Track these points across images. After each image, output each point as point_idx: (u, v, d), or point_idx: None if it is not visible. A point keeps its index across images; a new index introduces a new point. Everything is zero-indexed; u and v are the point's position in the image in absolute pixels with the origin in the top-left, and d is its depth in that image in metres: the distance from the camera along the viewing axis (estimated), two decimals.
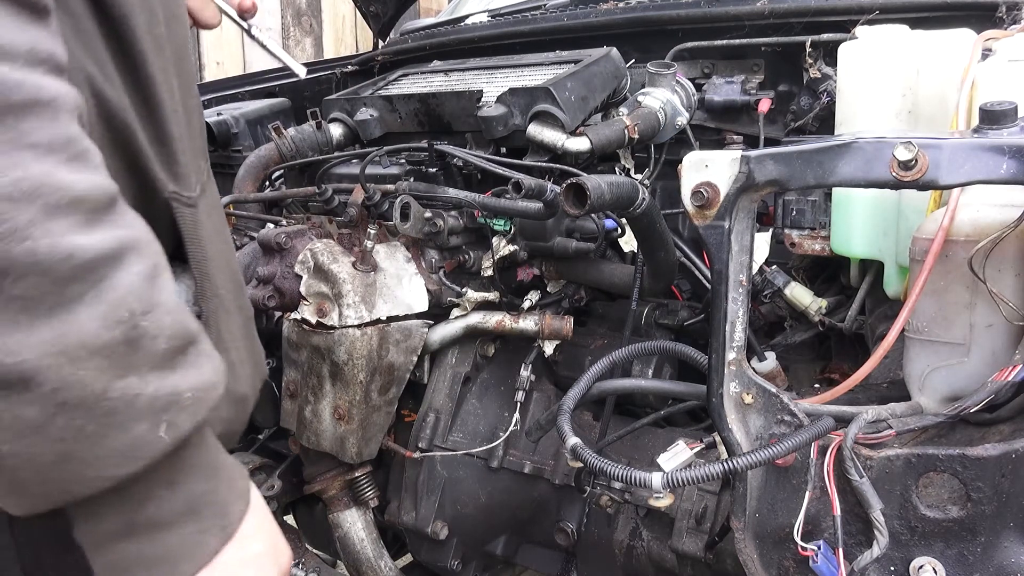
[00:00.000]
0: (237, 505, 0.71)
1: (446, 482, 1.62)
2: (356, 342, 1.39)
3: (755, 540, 1.04)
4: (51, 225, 0.55)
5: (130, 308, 0.59)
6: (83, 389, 0.57)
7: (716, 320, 0.99)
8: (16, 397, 0.55)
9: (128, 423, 0.60)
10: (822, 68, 1.55)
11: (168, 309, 0.63)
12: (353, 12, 4.94)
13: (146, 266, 0.62)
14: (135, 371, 0.60)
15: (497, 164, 1.50)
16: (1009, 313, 0.95)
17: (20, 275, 0.54)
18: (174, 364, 0.63)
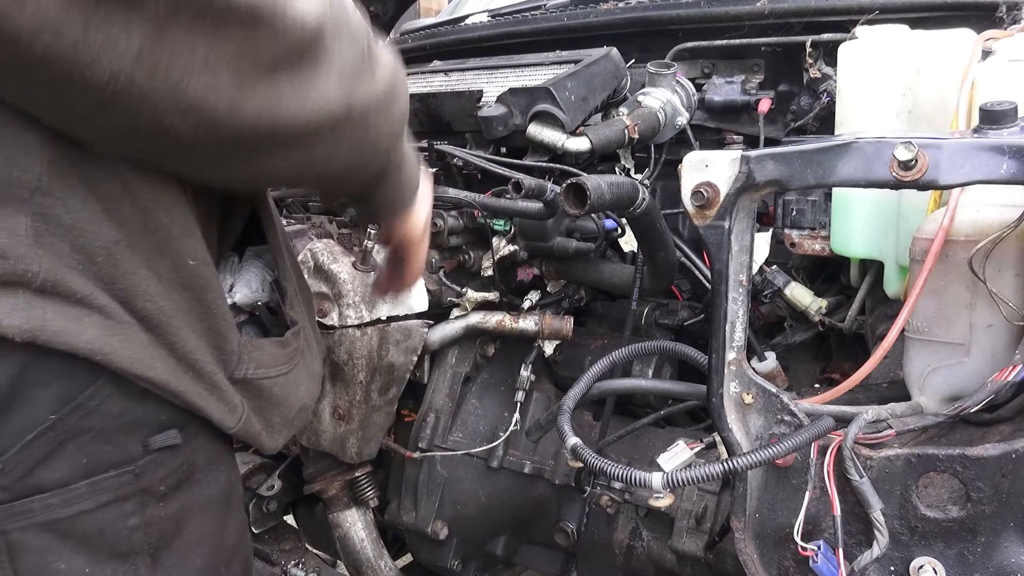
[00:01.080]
0: (418, 157, 1.01)
1: (446, 482, 1.62)
2: (356, 342, 1.39)
3: (755, 540, 1.04)
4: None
5: (355, 28, 0.76)
6: (366, 99, 0.76)
7: (716, 320, 0.99)
8: (338, 130, 0.75)
9: (390, 106, 0.81)
10: (822, 68, 1.55)
11: (350, 8, 0.78)
12: None
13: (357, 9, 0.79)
14: (371, 70, 0.77)
15: (497, 164, 1.50)
16: (1009, 313, 0.95)
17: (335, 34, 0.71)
18: (376, 53, 0.80)
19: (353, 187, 0.91)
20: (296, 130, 0.71)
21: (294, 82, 0.68)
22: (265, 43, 0.65)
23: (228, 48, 0.63)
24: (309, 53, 0.69)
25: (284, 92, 0.68)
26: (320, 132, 0.73)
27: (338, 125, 0.74)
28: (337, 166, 0.80)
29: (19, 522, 0.71)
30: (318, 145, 0.74)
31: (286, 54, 0.67)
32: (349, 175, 0.85)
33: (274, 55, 0.66)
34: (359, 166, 0.84)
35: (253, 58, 0.65)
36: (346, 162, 0.80)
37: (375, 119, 0.79)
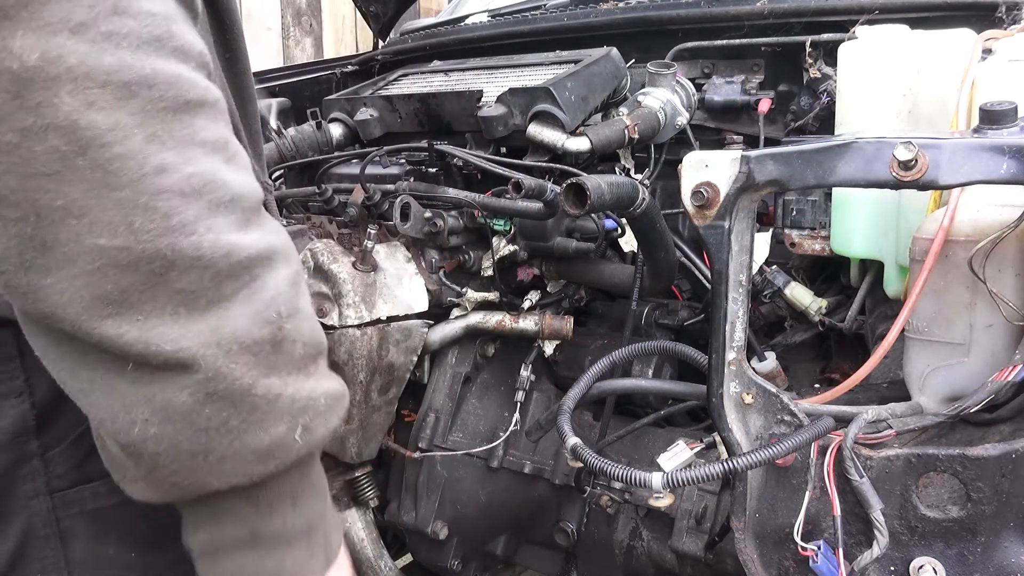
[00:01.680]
0: (338, 534, 0.73)
1: (446, 482, 1.62)
2: (356, 342, 1.39)
3: (755, 540, 1.04)
4: (213, 222, 0.57)
5: (277, 310, 0.61)
6: (233, 382, 0.59)
7: (716, 320, 0.99)
8: (171, 382, 0.58)
9: (268, 422, 0.61)
10: (822, 68, 1.55)
11: (307, 316, 0.65)
12: (353, 12, 4.94)
13: (291, 271, 0.64)
14: (277, 372, 0.62)
15: (497, 164, 1.50)
16: (1009, 313, 0.95)
17: (185, 268, 0.56)
18: (309, 370, 0.65)
19: (151, 485, 0.63)
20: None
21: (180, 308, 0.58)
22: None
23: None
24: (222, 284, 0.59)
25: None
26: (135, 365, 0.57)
27: (175, 372, 0.58)
28: (132, 428, 0.59)
29: (71, 510, 0.73)
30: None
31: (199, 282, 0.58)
32: (146, 456, 0.60)
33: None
34: (166, 456, 0.60)
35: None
36: (146, 432, 0.59)
37: (237, 411, 0.60)
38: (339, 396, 0.68)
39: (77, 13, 0.52)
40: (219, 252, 0.57)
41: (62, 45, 0.52)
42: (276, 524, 0.66)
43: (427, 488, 1.62)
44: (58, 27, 0.52)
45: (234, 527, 0.65)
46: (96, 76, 0.53)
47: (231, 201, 0.59)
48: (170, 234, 0.55)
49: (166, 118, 0.56)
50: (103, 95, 0.53)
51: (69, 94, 0.52)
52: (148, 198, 0.55)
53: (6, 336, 0.69)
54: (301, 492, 0.67)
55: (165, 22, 0.57)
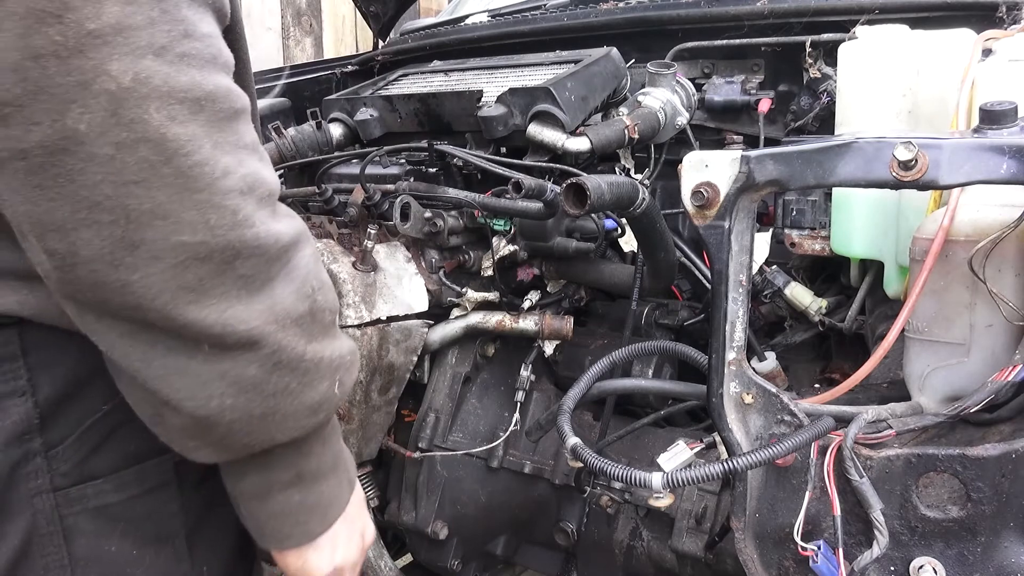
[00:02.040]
0: (353, 463, 0.85)
1: (446, 482, 1.62)
2: (356, 342, 1.39)
3: (755, 540, 1.04)
4: (262, 214, 0.66)
5: (311, 284, 0.71)
6: (291, 351, 0.69)
7: (716, 320, 0.99)
8: (243, 357, 0.66)
9: (317, 381, 0.72)
10: (822, 68, 1.55)
11: (329, 286, 0.75)
12: (353, 12, 4.94)
13: (313, 249, 0.73)
14: (316, 338, 0.71)
15: (497, 164, 1.50)
16: (1009, 313, 0.95)
17: (247, 256, 0.65)
18: (334, 333, 0.75)
19: (221, 448, 0.71)
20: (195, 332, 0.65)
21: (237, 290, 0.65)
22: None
23: None
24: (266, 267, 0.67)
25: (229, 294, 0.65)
26: (223, 347, 0.65)
27: (246, 349, 0.66)
28: (209, 402, 0.67)
29: (75, 507, 0.76)
30: (199, 361, 0.66)
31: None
32: (222, 425, 0.69)
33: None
34: (240, 422, 0.69)
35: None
36: (223, 404, 0.67)
37: (295, 376, 0.69)
38: (355, 351, 0.79)
39: (159, 38, 0.59)
40: (270, 239, 0.66)
41: (149, 67, 0.59)
42: (313, 463, 0.77)
43: (427, 488, 1.62)
44: (145, 51, 0.59)
45: (282, 471, 0.75)
46: (176, 93, 0.60)
47: (270, 195, 0.67)
48: (238, 228, 0.63)
49: (224, 127, 0.64)
50: (182, 110, 0.61)
51: (156, 110, 0.59)
52: (220, 198, 0.63)
53: (10, 335, 0.71)
54: (328, 434, 0.79)
55: (217, 41, 0.65)
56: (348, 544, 0.83)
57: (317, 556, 0.80)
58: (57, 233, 0.60)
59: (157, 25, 0.59)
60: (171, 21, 0.60)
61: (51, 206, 0.59)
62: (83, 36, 0.56)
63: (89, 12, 0.56)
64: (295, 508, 0.77)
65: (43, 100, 0.57)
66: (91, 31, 0.56)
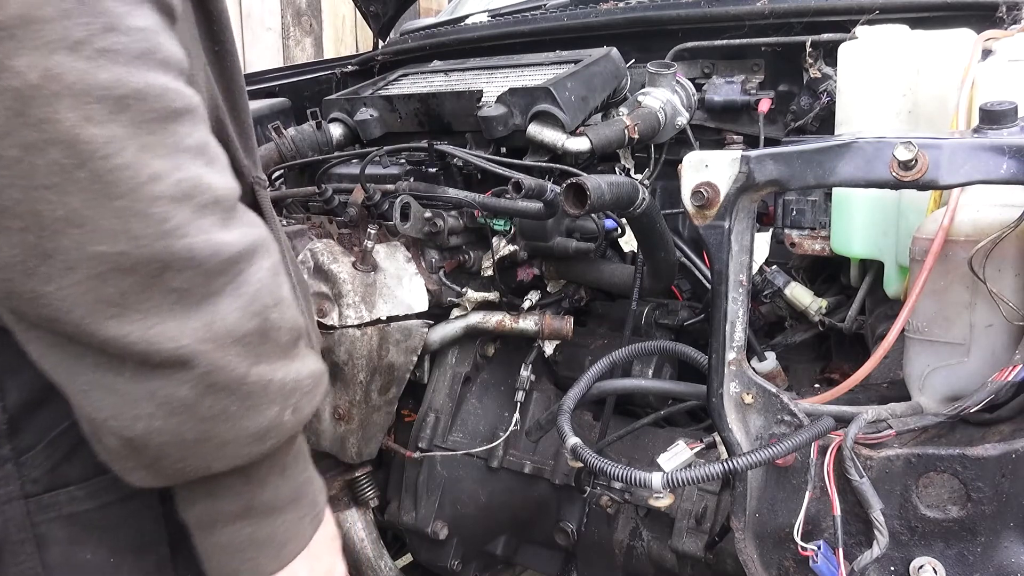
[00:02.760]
0: (323, 496, 0.78)
1: (446, 482, 1.62)
2: (356, 342, 1.39)
3: (755, 540, 1.04)
4: (202, 223, 0.61)
5: (263, 301, 0.65)
6: (229, 373, 0.63)
7: (716, 320, 0.99)
8: (172, 378, 0.61)
9: (263, 406, 0.66)
10: (822, 68, 1.55)
11: (288, 303, 0.69)
12: (353, 12, 4.94)
13: (272, 262, 0.67)
14: (267, 359, 0.66)
15: (497, 164, 1.50)
16: (1009, 313, 0.95)
17: (179, 268, 0.60)
18: (293, 354, 0.69)
19: (154, 473, 0.66)
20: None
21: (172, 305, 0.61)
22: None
23: None
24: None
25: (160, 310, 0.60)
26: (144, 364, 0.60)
27: (175, 368, 0.61)
28: (136, 423, 0.62)
29: (47, 514, 0.73)
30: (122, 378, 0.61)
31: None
32: (151, 448, 0.64)
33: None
34: (170, 446, 0.64)
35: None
36: (151, 426, 0.62)
37: (235, 399, 0.64)
38: (321, 374, 0.73)
39: (74, 31, 0.55)
40: (208, 251, 0.61)
41: (61, 63, 0.54)
42: (268, 494, 0.71)
43: (427, 488, 1.62)
44: (57, 45, 0.54)
45: (230, 501, 0.70)
46: (93, 91, 0.55)
47: (215, 202, 0.62)
48: (166, 238, 0.58)
49: (156, 128, 0.59)
50: (100, 109, 0.56)
51: (69, 109, 0.55)
52: (144, 205, 0.58)
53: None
54: (289, 463, 0.73)
55: (153, 36, 0.59)
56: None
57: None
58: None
59: (72, 18, 0.55)
60: (90, 14, 0.55)
61: None
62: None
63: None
64: (244, 542, 0.71)
65: None
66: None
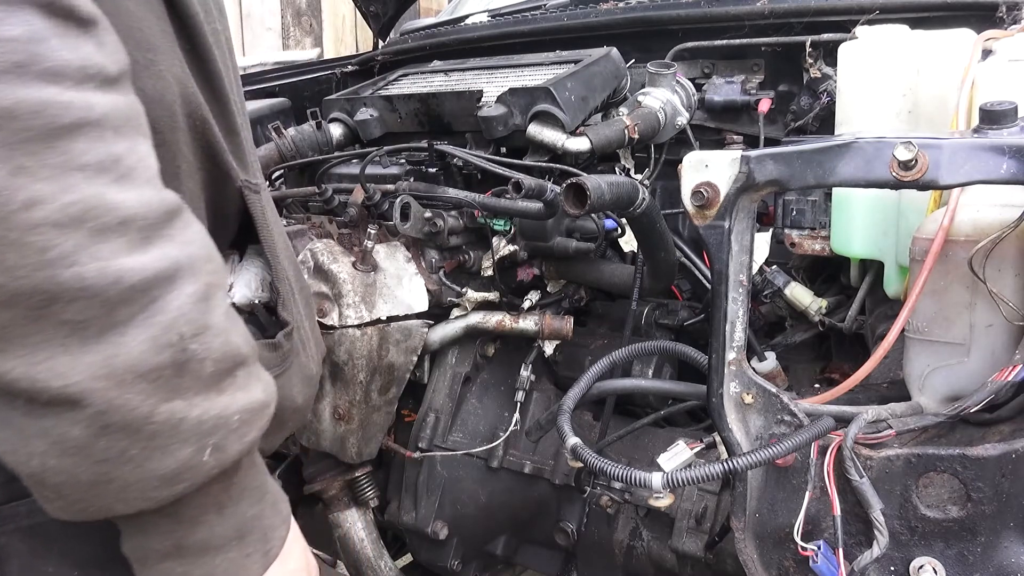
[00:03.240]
0: (280, 530, 0.73)
1: (446, 482, 1.62)
2: (356, 342, 1.39)
3: (755, 540, 1.04)
4: (98, 249, 0.55)
5: (179, 331, 0.59)
6: (128, 413, 0.58)
7: (716, 320, 0.99)
8: (63, 417, 0.56)
9: (172, 447, 0.60)
10: (822, 68, 1.55)
11: (218, 331, 0.63)
12: (353, 12, 4.94)
13: (198, 287, 0.61)
14: (181, 395, 0.60)
15: (497, 164, 1.50)
16: (1009, 313, 0.95)
17: (69, 300, 0.54)
18: (222, 387, 0.63)
19: (61, 509, 0.62)
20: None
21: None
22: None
23: None
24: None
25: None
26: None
27: (65, 408, 0.56)
28: (30, 460, 0.59)
29: (6, 526, 0.70)
30: None
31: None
32: (48, 486, 0.60)
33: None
34: (67, 486, 0.60)
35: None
36: (45, 464, 0.58)
37: (135, 441, 0.59)
38: (260, 407, 0.67)
39: None
40: (107, 279, 0.55)
41: None
42: (201, 533, 0.66)
43: (427, 488, 1.62)
44: None
45: (158, 539, 0.65)
46: None
47: (121, 224, 0.57)
48: (47, 268, 0.53)
49: (35, 148, 0.53)
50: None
51: None
52: (19, 234, 0.53)
53: None
54: (228, 500, 0.67)
55: (28, 46, 0.54)
56: None
57: None
58: None
59: None
60: None
61: None
62: None
63: None
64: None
65: None
66: None
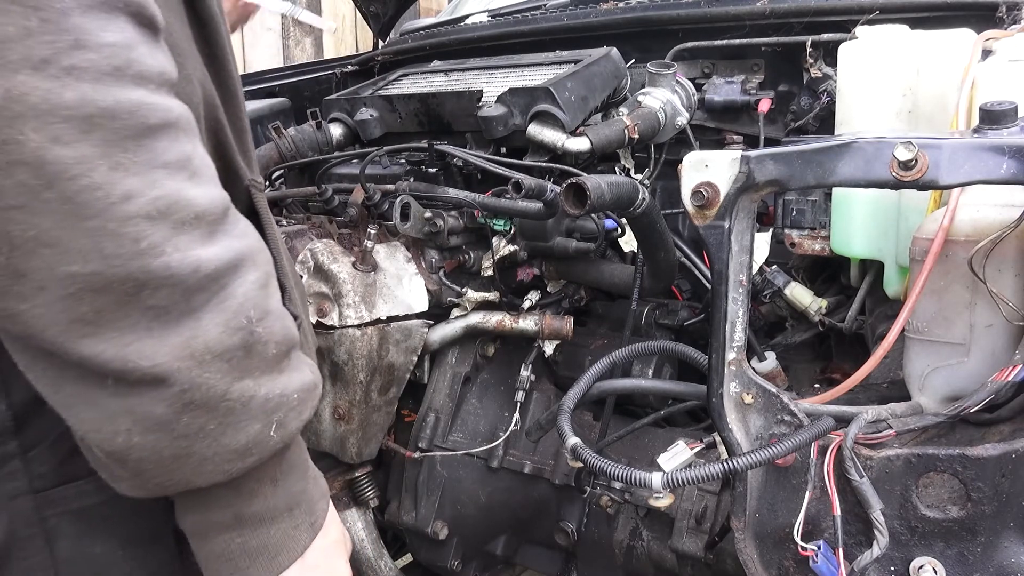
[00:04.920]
0: (322, 503, 0.78)
1: (446, 482, 1.62)
2: (356, 342, 1.39)
3: (755, 540, 1.04)
4: (180, 240, 0.60)
5: (247, 315, 0.65)
6: (208, 391, 0.63)
7: (716, 320, 0.99)
8: (149, 395, 0.61)
9: (244, 423, 0.66)
10: (822, 68, 1.55)
11: (277, 315, 0.69)
12: (353, 12, 4.94)
13: (259, 275, 0.67)
14: (250, 374, 0.65)
15: (497, 164, 1.50)
16: (1009, 313, 0.95)
17: (156, 287, 0.59)
18: (281, 367, 0.69)
19: (137, 485, 0.67)
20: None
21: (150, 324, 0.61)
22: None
23: None
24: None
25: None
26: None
27: (152, 386, 0.61)
28: (116, 438, 0.63)
29: (56, 509, 0.74)
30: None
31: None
32: (130, 462, 0.64)
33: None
34: (149, 461, 0.64)
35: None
36: (130, 441, 0.63)
37: (213, 417, 0.64)
38: (312, 387, 0.73)
39: (38, 50, 0.54)
40: (187, 268, 0.60)
41: (24, 83, 0.54)
42: (258, 505, 0.71)
43: (427, 488, 1.62)
44: (20, 65, 0.54)
45: (219, 512, 0.70)
46: (59, 111, 0.55)
47: (196, 218, 0.62)
48: (140, 257, 0.58)
49: (129, 146, 0.58)
50: (67, 129, 0.55)
51: (34, 130, 0.54)
52: (117, 225, 0.57)
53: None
54: (280, 474, 0.72)
55: (125, 51, 0.58)
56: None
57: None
58: None
59: (35, 36, 0.54)
60: (55, 32, 0.55)
61: None
62: None
63: None
64: (236, 552, 0.72)
65: None
66: None
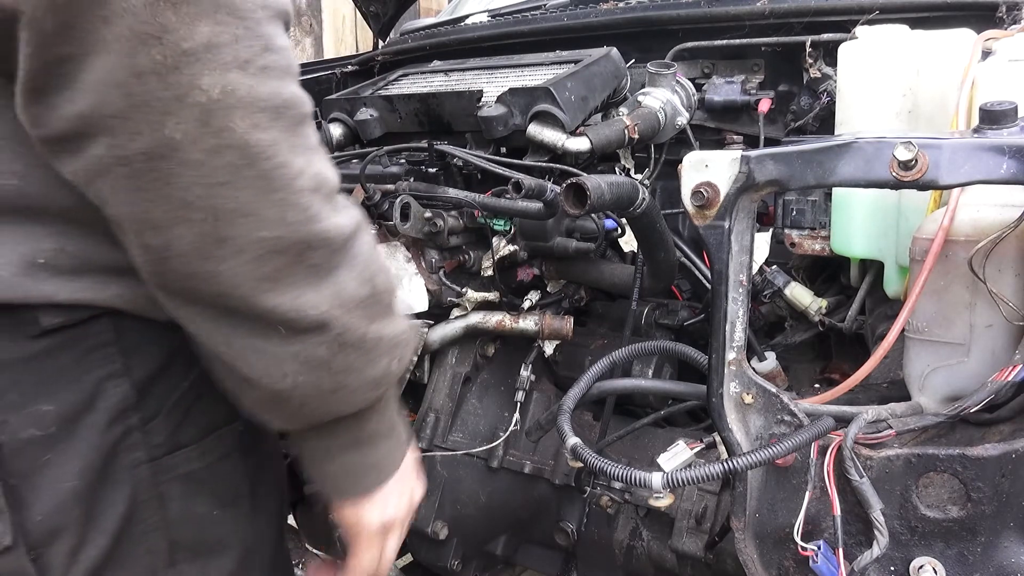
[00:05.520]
0: (407, 426, 0.94)
1: (446, 482, 1.62)
2: None
3: (755, 540, 1.04)
4: (329, 209, 0.73)
5: (371, 270, 0.78)
6: (355, 332, 0.76)
7: (716, 320, 0.99)
8: (312, 339, 0.74)
9: (379, 358, 0.79)
10: (822, 68, 1.54)
11: (385, 271, 0.82)
12: (353, 12, 4.93)
13: (370, 238, 0.80)
14: (379, 319, 0.79)
15: (497, 164, 1.50)
16: (1009, 313, 0.95)
17: (316, 248, 0.72)
18: (394, 312, 0.82)
19: (293, 419, 0.81)
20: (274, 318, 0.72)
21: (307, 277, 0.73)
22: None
23: None
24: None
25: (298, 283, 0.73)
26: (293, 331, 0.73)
27: (315, 331, 0.74)
28: (284, 380, 0.76)
29: (168, 475, 0.84)
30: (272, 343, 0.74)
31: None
32: (295, 399, 0.78)
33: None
34: (310, 396, 0.78)
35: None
36: (296, 381, 0.76)
37: (359, 354, 0.77)
38: (412, 330, 0.86)
39: (243, 53, 0.66)
40: (335, 231, 0.73)
41: (234, 80, 0.65)
42: (370, 428, 0.85)
43: (427, 488, 1.61)
44: (231, 65, 0.65)
45: (343, 435, 0.84)
46: (258, 103, 0.67)
47: (331, 191, 0.74)
48: (309, 223, 0.71)
49: (298, 131, 0.70)
50: (263, 118, 0.67)
51: (241, 119, 0.66)
52: (295, 196, 0.70)
53: (106, 325, 0.78)
54: (386, 404, 0.86)
55: (289, 53, 0.71)
56: (399, 501, 0.92)
57: (370, 510, 0.89)
58: (154, 230, 0.68)
59: (241, 41, 0.65)
60: (254, 37, 0.66)
61: (149, 206, 0.66)
62: (179, 55, 0.63)
63: (184, 33, 0.63)
64: (353, 467, 0.87)
65: (144, 112, 0.63)
66: (185, 50, 0.63)
